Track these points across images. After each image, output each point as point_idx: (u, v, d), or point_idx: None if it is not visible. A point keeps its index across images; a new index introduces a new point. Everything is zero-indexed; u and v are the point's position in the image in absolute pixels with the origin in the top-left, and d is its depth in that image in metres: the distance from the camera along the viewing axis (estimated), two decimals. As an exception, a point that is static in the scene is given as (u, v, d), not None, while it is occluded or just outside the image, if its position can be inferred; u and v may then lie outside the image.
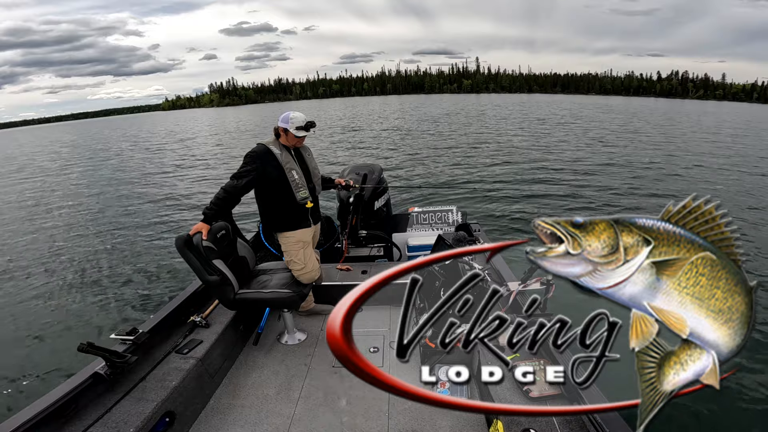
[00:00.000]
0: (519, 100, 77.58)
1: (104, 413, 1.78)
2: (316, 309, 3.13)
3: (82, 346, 1.86)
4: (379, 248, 3.92)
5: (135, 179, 13.97)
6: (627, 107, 52.00)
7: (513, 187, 9.97)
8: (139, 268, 6.16)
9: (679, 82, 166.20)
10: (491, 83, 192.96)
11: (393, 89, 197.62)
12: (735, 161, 13.53)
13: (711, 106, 71.72)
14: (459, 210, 4.20)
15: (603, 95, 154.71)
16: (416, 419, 2.09)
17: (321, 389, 2.37)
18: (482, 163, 13.05)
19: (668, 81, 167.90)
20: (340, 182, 3.28)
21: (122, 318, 4.68)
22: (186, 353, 2.26)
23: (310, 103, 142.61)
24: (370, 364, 0.99)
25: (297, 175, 2.64)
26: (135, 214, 9.37)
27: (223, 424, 2.14)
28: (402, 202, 7.26)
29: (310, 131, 2.70)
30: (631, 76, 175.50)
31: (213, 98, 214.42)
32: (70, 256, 6.89)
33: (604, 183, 10.28)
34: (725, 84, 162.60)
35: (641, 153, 14.92)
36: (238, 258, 2.74)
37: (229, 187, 2.53)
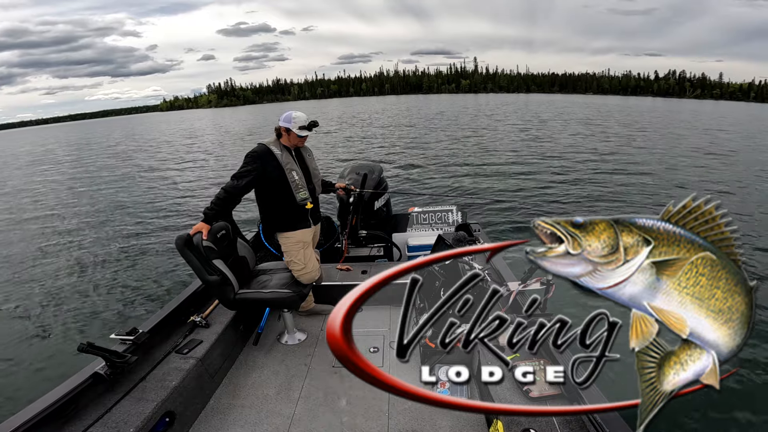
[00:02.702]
0: (516, 100, 77.58)
1: (104, 413, 1.78)
2: (316, 309, 3.13)
3: (82, 346, 1.86)
4: (379, 248, 3.92)
5: (135, 179, 13.95)
6: (635, 107, 52.02)
7: (514, 188, 9.98)
8: (139, 268, 6.16)
9: (676, 81, 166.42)
10: (489, 83, 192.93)
11: (391, 89, 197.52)
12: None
13: (708, 106, 71.79)
14: (459, 210, 4.20)
15: (601, 95, 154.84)
16: (416, 419, 2.09)
17: (321, 389, 2.37)
18: (486, 163, 13.08)
19: (665, 80, 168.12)
20: (340, 186, 3.28)
21: (122, 318, 4.68)
22: (186, 353, 2.26)
23: (309, 103, 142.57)
24: (370, 364, 0.99)
25: (297, 176, 2.64)
26: (135, 214, 9.36)
27: (223, 424, 2.14)
28: (402, 202, 7.25)
29: (313, 131, 2.69)
30: (628, 76, 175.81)
31: (211, 99, 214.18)
32: (70, 256, 6.88)
33: (606, 184, 10.31)
34: (722, 83, 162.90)
35: (642, 153, 14.97)
36: (238, 258, 2.74)
37: (229, 187, 2.52)
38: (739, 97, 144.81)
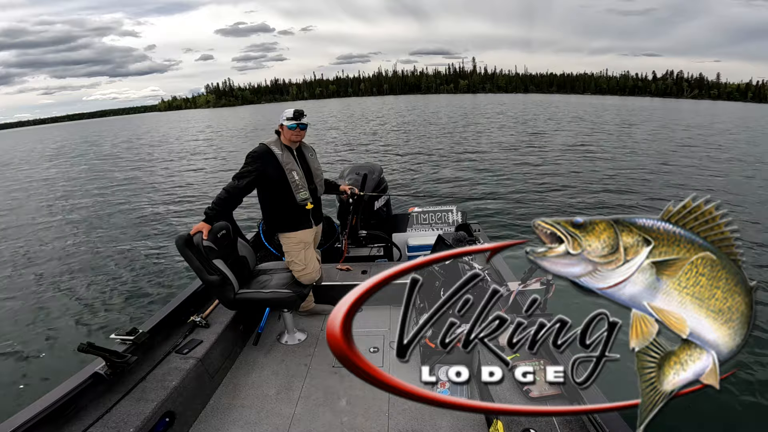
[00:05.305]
0: (514, 100, 77.61)
1: (104, 413, 1.78)
2: (316, 309, 3.13)
3: (82, 346, 1.86)
4: (379, 248, 3.92)
5: (134, 179, 13.93)
6: (634, 107, 52.06)
7: (515, 188, 9.99)
8: (139, 267, 6.15)
9: (674, 81, 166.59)
10: (488, 83, 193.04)
11: (390, 90, 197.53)
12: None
13: (706, 106, 71.87)
14: (459, 210, 4.20)
15: (599, 95, 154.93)
16: (416, 419, 2.09)
17: (321, 389, 2.37)
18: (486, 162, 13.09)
19: (663, 81, 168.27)
20: (345, 189, 3.26)
21: (122, 318, 4.67)
22: (186, 353, 2.26)
23: (307, 103, 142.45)
24: (370, 364, 0.99)
25: (297, 176, 2.63)
26: (135, 214, 9.35)
27: (223, 424, 2.14)
28: (402, 203, 7.25)
29: (303, 120, 2.65)
30: (626, 76, 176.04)
31: (209, 99, 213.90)
32: (71, 257, 6.87)
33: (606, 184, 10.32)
34: (720, 83, 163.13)
35: (642, 154, 14.99)
36: (239, 258, 2.74)
37: (230, 188, 2.52)
38: (736, 97, 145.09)
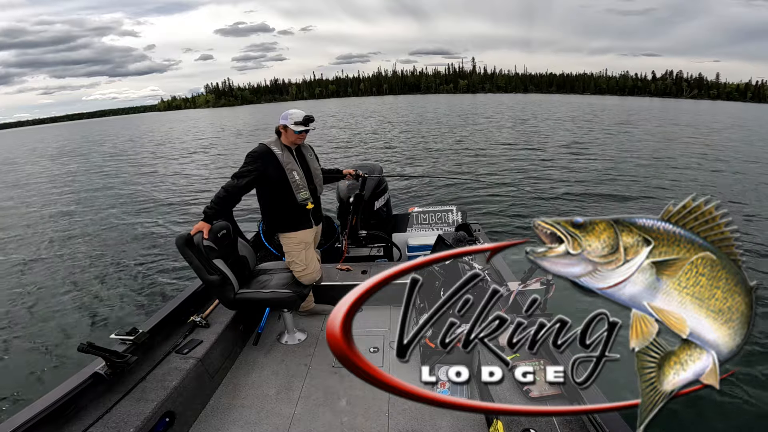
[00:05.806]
0: (514, 100, 77.62)
1: (104, 413, 1.78)
2: (316, 309, 3.13)
3: (82, 346, 1.86)
4: (379, 248, 3.92)
5: (134, 179, 13.93)
6: (633, 107, 52.07)
7: (515, 187, 9.99)
8: (139, 267, 6.14)
9: (673, 81, 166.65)
10: (487, 83, 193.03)
11: (389, 90, 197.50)
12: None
13: (705, 106, 71.91)
14: (459, 210, 4.20)
15: (598, 95, 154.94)
16: (416, 419, 2.09)
17: (321, 389, 2.37)
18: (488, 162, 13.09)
19: (663, 81, 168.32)
20: (350, 173, 3.26)
21: (122, 318, 4.67)
22: (186, 353, 2.25)
23: (307, 103, 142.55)
24: (370, 364, 0.99)
25: (298, 176, 2.63)
26: (135, 214, 9.34)
27: (223, 424, 2.14)
28: (402, 203, 7.25)
29: (310, 126, 2.65)
30: (626, 76, 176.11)
31: (209, 99, 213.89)
32: (70, 257, 6.86)
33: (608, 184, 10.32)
34: (719, 83, 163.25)
35: (642, 153, 14.99)
36: (239, 258, 2.74)
37: (229, 187, 2.52)
38: (736, 97, 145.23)
